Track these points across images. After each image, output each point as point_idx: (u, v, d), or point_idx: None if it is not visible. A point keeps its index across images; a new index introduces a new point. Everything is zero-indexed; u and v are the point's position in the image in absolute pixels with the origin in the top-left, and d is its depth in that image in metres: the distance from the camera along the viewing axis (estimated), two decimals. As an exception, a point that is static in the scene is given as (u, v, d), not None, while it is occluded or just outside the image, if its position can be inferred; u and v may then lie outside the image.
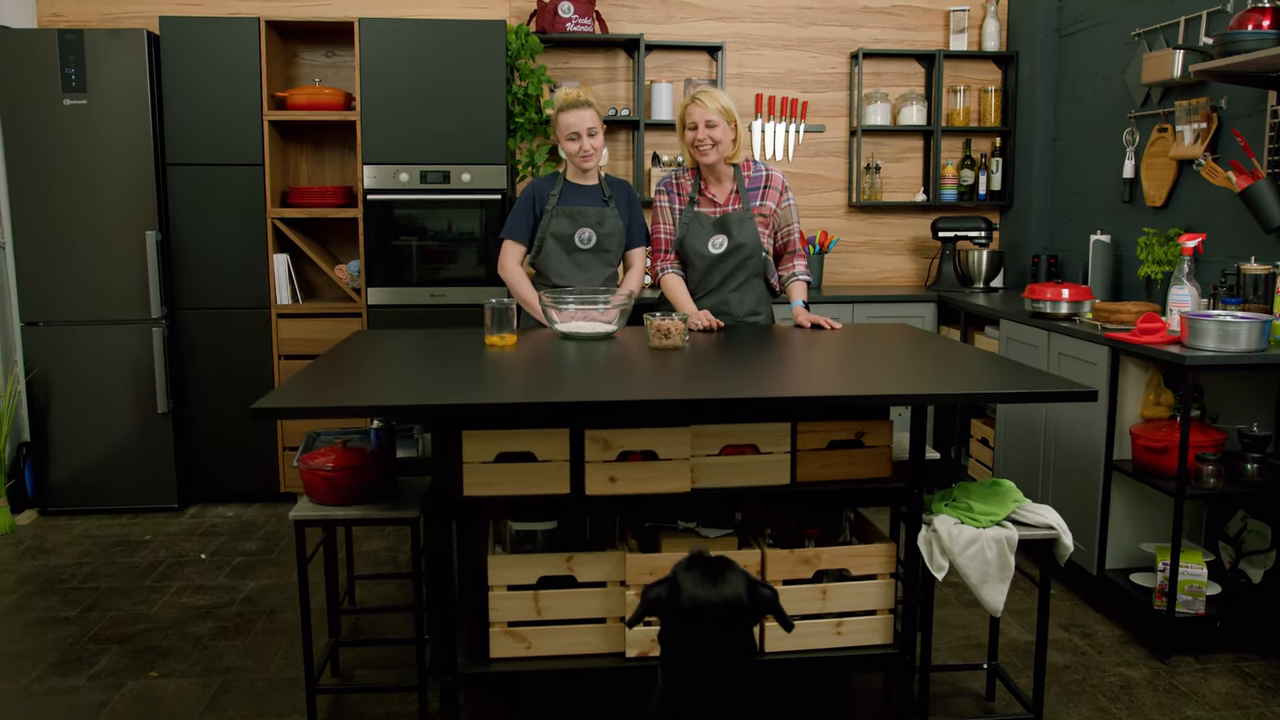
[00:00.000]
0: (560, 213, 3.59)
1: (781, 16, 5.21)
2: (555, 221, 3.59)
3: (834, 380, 2.49)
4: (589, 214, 3.60)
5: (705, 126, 3.41)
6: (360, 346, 3.05)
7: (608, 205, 3.64)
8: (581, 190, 3.64)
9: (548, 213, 3.60)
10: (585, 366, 2.73)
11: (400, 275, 4.59)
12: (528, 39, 4.67)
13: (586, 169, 3.59)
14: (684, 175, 3.60)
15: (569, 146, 3.54)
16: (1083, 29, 4.77)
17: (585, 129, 3.52)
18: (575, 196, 3.63)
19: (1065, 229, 4.97)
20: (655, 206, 3.65)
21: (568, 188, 3.64)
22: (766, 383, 2.41)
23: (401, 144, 4.50)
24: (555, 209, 3.60)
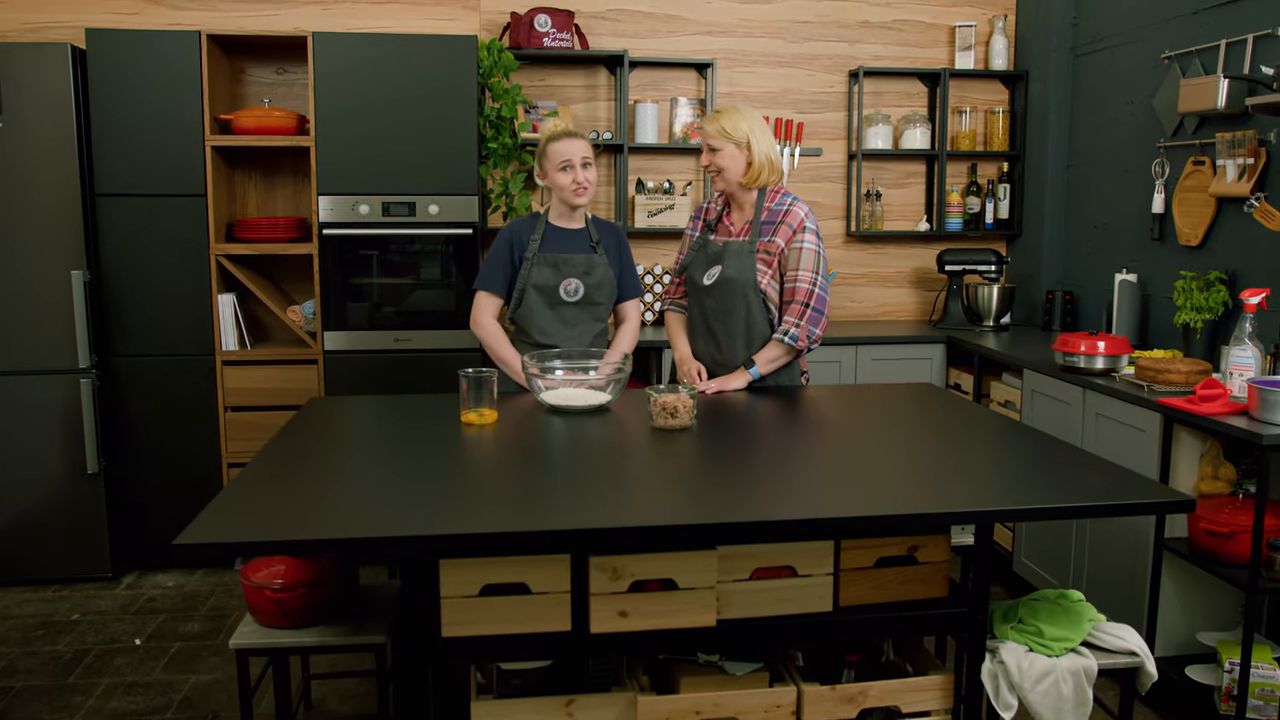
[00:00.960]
0: (542, 260, 3.17)
1: (775, 31, 4.81)
2: (537, 271, 3.17)
3: (879, 477, 2.09)
4: (575, 262, 3.18)
5: (708, 150, 3.05)
6: (312, 427, 2.61)
7: (595, 252, 3.22)
8: (566, 235, 3.22)
9: (528, 260, 3.18)
10: (581, 459, 2.31)
11: (360, 317, 4.14)
12: (501, 55, 4.23)
13: (577, 206, 3.17)
14: (715, 201, 3.25)
15: (560, 178, 3.12)
16: (1102, 48, 4.42)
17: (580, 158, 3.10)
18: (559, 242, 3.21)
19: (1081, 263, 4.63)
20: (684, 234, 3.30)
21: (551, 232, 3.22)
22: (797, 485, 2.01)
23: (361, 172, 4.04)
24: (537, 256, 3.17)
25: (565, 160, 3.09)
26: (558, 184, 3.13)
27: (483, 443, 2.49)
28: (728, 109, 3.06)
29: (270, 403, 4.13)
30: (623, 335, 3.28)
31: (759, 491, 2.02)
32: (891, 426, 2.68)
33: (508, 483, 2.11)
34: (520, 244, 3.20)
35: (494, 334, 3.21)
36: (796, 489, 2.04)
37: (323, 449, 2.39)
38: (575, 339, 3.22)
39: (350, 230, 4.06)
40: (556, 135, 3.13)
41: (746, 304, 3.06)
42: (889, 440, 2.50)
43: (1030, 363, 3.80)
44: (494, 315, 3.24)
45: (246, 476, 2.13)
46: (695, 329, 3.17)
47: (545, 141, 3.15)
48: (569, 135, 3.12)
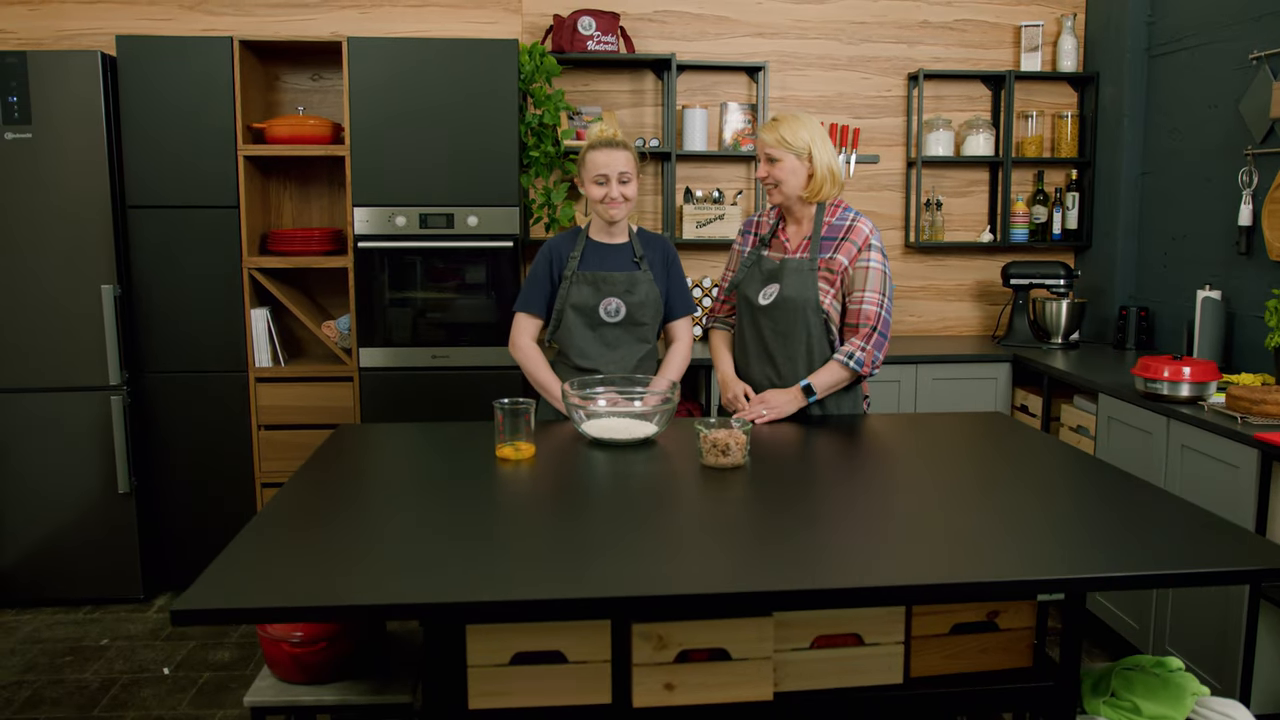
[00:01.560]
0: (581, 279, 2.99)
1: (830, 32, 4.59)
2: (576, 290, 2.99)
3: (954, 530, 1.88)
4: (616, 280, 2.99)
5: (766, 161, 2.85)
6: (337, 461, 2.44)
7: (639, 268, 3.03)
8: (607, 251, 3.03)
9: (566, 279, 3.00)
10: (624, 504, 2.12)
11: (397, 334, 3.99)
12: (543, 60, 4.06)
13: (613, 221, 2.98)
14: (767, 214, 3.06)
15: (594, 191, 2.94)
16: (1181, 49, 4.14)
17: (616, 172, 2.91)
18: (600, 258, 3.02)
19: (1156, 278, 4.34)
20: (731, 250, 3.11)
21: (591, 248, 3.04)
22: (864, 540, 1.80)
23: (398, 183, 3.89)
24: (575, 274, 2.99)
25: (601, 173, 2.91)
26: (591, 197, 2.95)
27: (518, 482, 2.31)
28: (787, 116, 2.85)
29: (305, 421, 3.99)
30: (672, 360, 3.08)
31: (821, 548, 1.82)
32: (962, 465, 2.46)
33: (543, 533, 1.92)
34: (559, 261, 3.03)
35: (532, 357, 3.03)
36: (863, 545, 1.83)
37: (344, 489, 2.22)
38: (618, 362, 3.03)
39: (386, 243, 3.91)
40: (596, 144, 2.94)
41: (807, 325, 2.86)
42: (961, 482, 2.27)
43: (1107, 387, 3.54)
44: (532, 337, 3.07)
45: (262, 523, 1.97)
46: (749, 350, 2.96)
47: (585, 149, 2.97)
48: (609, 145, 2.94)
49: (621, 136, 3.02)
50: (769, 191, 2.89)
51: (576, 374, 3.03)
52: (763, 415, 2.83)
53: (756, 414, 2.83)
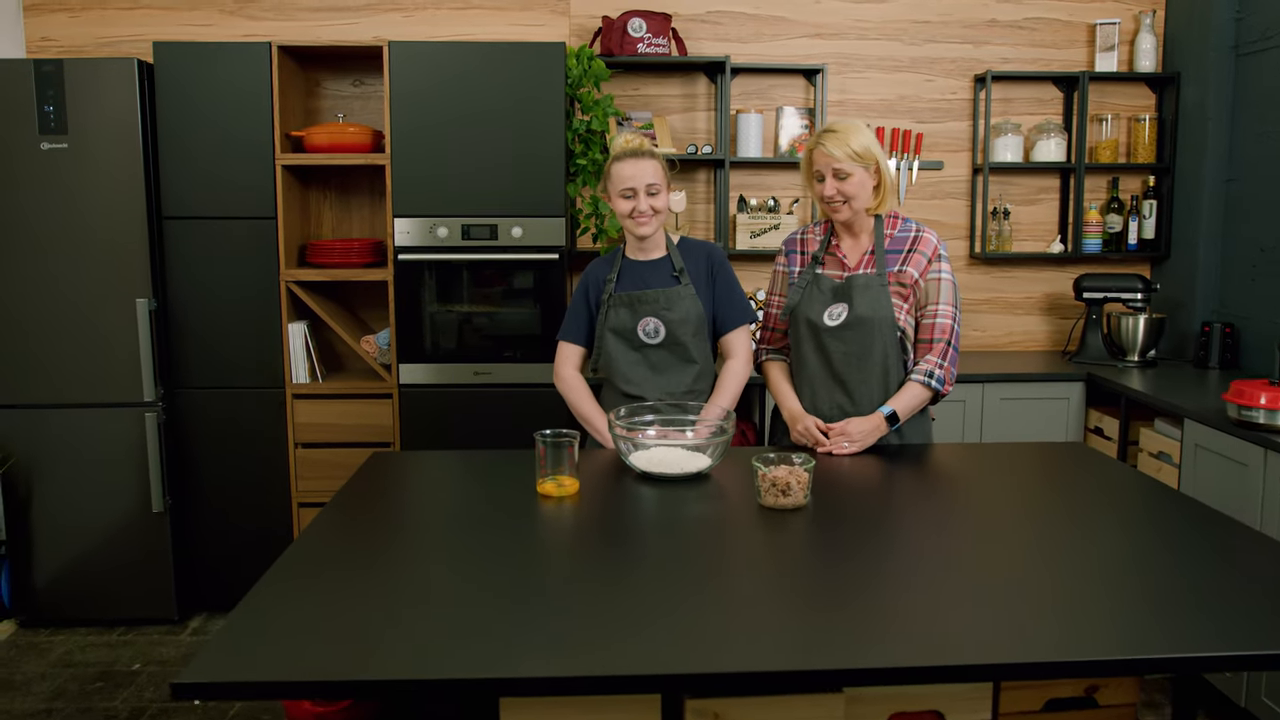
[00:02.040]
0: (618, 301, 2.81)
1: (892, 33, 4.36)
2: (614, 313, 2.82)
3: (1046, 591, 1.66)
4: (650, 299, 2.80)
5: (834, 177, 2.62)
6: (366, 496, 2.28)
7: (679, 281, 2.84)
8: (643, 268, 2.85)
9: (604, 303, 2.83)
10: (675, 553, 1.93)
11: (438, 349, 3.84)
12: (591, 63, 3.88)
13: (644, 237, 2.80)
14: (812, 230, 2.83)
15: (621, 206, 2.75)
16: (1275, 46, 3.86)
17: (644, 185, 2.73)
18: (636, 277, 2.84)
19: (1243, 292, 4.06)
20: (773, 272, 2.89)
21: (627, 267, 2.86)
22: (943, 600, 1.60)
23: (439, 192, 3.74)
24: (613, 297, 2.82)
25: (627, 187, 2.72)
26: (619, 212, 2.77)
27: (560, 523, 2.14)
28: (848, 126, 2.64)
29: (343, 439, 3.86)
30: (725, 384, 2.86)
31: (896, 611, 1.62)
32: (1045, 506, 2.24)
33: (586, 589, 1.74)
34: (596, 286, 2.86)
35: (576, 388, 2.86)
36: (944, 607, 1.63)
37: (373, 531, 2.06)
38: (665, 386, 2.84)
39: (428, 255, 3.76)
40: (621, 155, 2.76)
41: (884, 345, 2.65)
42: (1046, 527, 2.05)
43: (1193, 411, 3.28)
44: (576, 366, 2.90)
45: (283, 572, 1.82)
46: (813, 379, 2.73)
47: (610, 161, 2.78)
48: (634, 155, 2.75)
49: (647, 145, 2.83)
50: (834, 208, 2.66)
51: (624, 400, 2.86)
52: (844, 448, 2.62)
53: (838, 447, 2.62)
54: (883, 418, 2.64)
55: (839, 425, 2.64)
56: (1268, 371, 3.88)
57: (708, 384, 2.92)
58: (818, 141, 2.64)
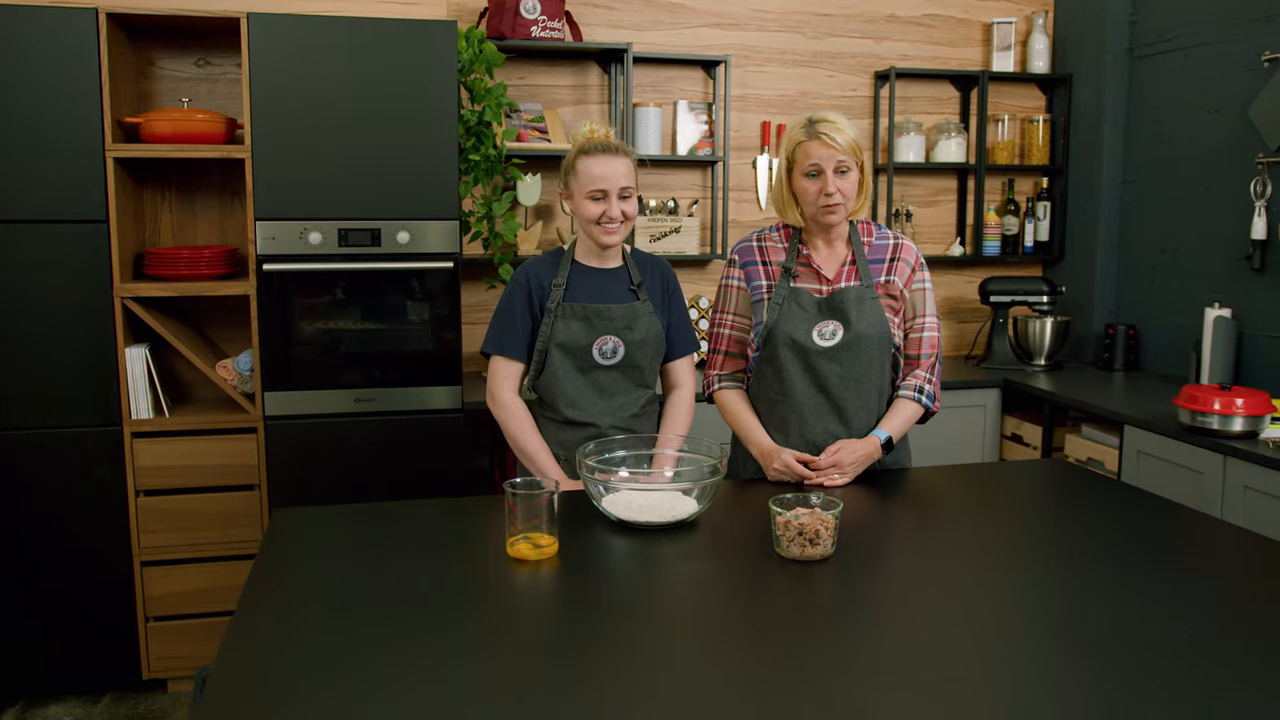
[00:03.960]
0: (569, 313, 2.41)
1: (793, 25, 4.13)
2: (563, 326, 2.42)
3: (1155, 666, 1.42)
4: (613, 315, 2.43)
5: (836, 173, 2.29)
6: (283, 575, 1.79)
7: (638, 297, 2.47)
8: (599, 277, 2.47)
9: (550, 312, 2.42)
10: (702, 635, 1.57)
11: (311, 374, 3.29)
12: (482, 46, 3.44)
13: (607, 246, 2.43)
14: (770, 236, 2.48)
15: (588, 209, 2.37)
16: (1171, 50, 3.87)
17: (617, 187, 2.37)
18: (591, 286, 2.45)
19: (1141, 294, 4.07)
20: (721, 287, 2.52)
21: (579, 273, 2.47)
22: (1020, 675, 1.32)
23: (312, 191, 3.20)
24: (561, 307, 2.42)
25: (599, 188, 2.35)
26: (584, 214, 2.38)
27: (543, 598, 1.75)
28: (836, 116, 2.31)
29: (197, 483, 3.25)
30: (676, 413, 2.53)
31: (979, 702, 1.32)
32: (1072, 535, 2.00)
33: (602, 708, 1.35)
34: (540, 290, 2.44)
35: (518, 417, 2.44)
36: (1032, 692, 1.34)
37: (296, 626, 1.58)
38: (614, 413, 2.47)
39: (298, 265, 3.21)
40: (591, 149, 2.38)
41: (881, 364, 2.37)
42: (1094, 566, 1.81)
43: (1136, 419, 3.19)
44: (515, 388, 2.47)
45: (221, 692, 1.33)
46: (802, 407, 2.38)
47: (576, 154, 2.39)
48: (608, 152, 2.38)
49: (616, 139, 2.46)
50: (830, 210, 2.32)
51: (565, 428, 2.47)
52: (835, 480, 2.31)
53: (829, 479, 2.31)
54: (878, 443, 2.37)
55: (829, 455, 2.33)
56: (1171, 373, 3.89)
57: (654, 410, 2.58)
58: (814, 132, 2.29)
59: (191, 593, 3.28)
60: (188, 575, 3.28)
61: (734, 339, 2.50)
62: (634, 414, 2.50)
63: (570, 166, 2.40)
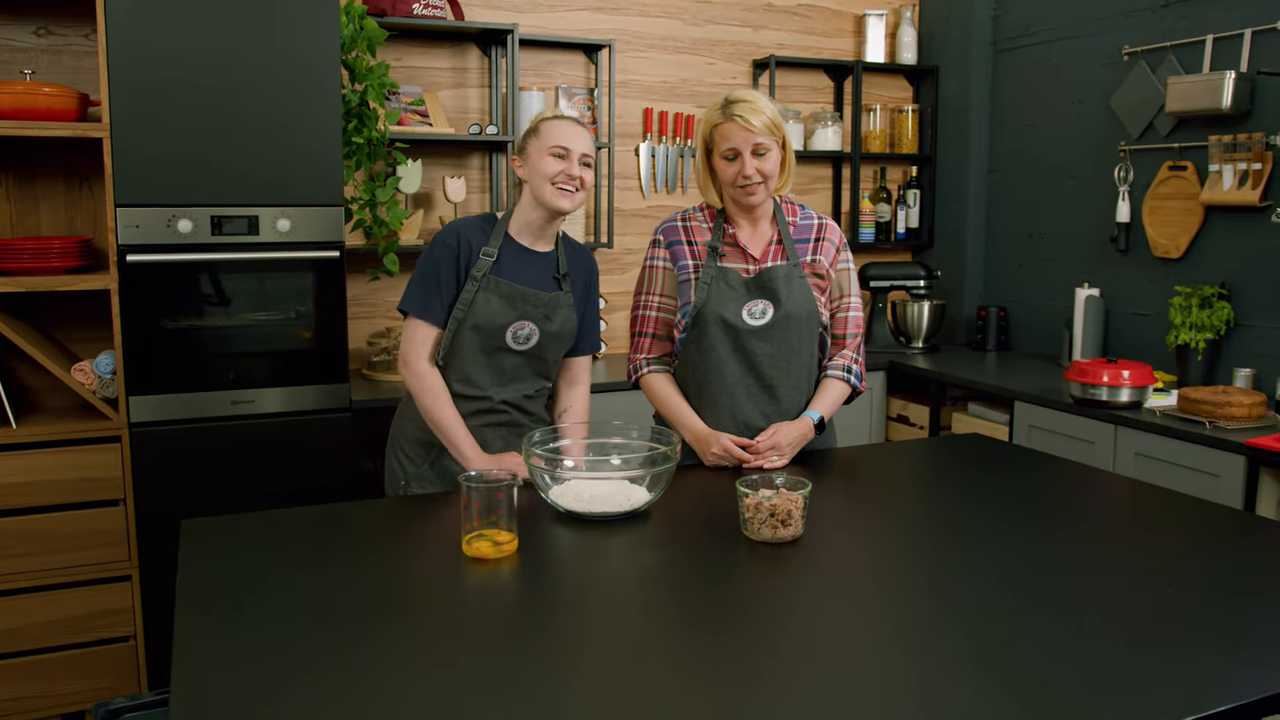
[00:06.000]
0: (494, 288, 2.27)
1: (674, 11, 4.09)
2: (484, 301, 2.27)
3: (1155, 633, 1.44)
4: (538, 301, 2.30)
5: (754, 155, 2.24)
6: (216, 595, 1.59)
7: (561, 288, 2.36)
8: (530, 258, 2.35)
9: (474, 281, 2.27)
10: (695, 631, 1.50)
11: (183, 375, 3.00)
12: (363, 23, 3.23)
13: (559, 210, 2.30)
14: (694, 216, 2.42)
15: (548, 164, 2.23)
16: (1033, 43, 4.05)
17: (579, 152, 2.26)
18: (520, 266, 2.32)
19: (1009, 277, 4.25)
20: (645, 268, 2.45)
21: (510, 249, 2.33)
22: (1033, 655, 1.32)
23: (181, 175, 2.91)
24: (488, 279, 2.27)
25: (562, 145, 2.23)
26: (543, 170, 2.23)
27: (505, 597, 1.63)
28: (756, 94, 2.27)
29: (52, 500, 2.90)
30: (576, 414, 2.45)
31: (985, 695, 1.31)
32: (1025, 503, 2.03)
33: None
34: (468, 254, 2.28)
35: (435, 388, 2.28)
36: (1049, 668, 1.34)
37: (242, 652, 1.41)
38: (510, 393, 2.35)
39: (166, 256, 2.92)
40: (557, 116, 2.30)
41: (810, 343, 2.35)
42: (1066, 533, 1.85)
43: (1026, 395, 3.31)
44: (431, 356, 2.31)
45: None
46: (733, 388, 2.33)
47: (539, 121, 2.28)
48: (574, 121, 2.30)
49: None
50: (750, 191, 2.28)
51: (455, 400, 2.32)
52: (774, 462, 2.27)
53: (769, 461, 2.27)
54: (811, 424, 2.34)
55: (767, 435, 2.29)
56: (1041, 351, 4.08)
57: (545, 395, 2.46)
58: (729, 114, 2.24)
59: (43, 625, 2.94)
60: (39, 605, 2.93)
61: (660, 321, 2.43)
62: (528, 395, 2.39)
63: (533, 129, 2.28)
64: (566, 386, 2.48)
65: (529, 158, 2.26)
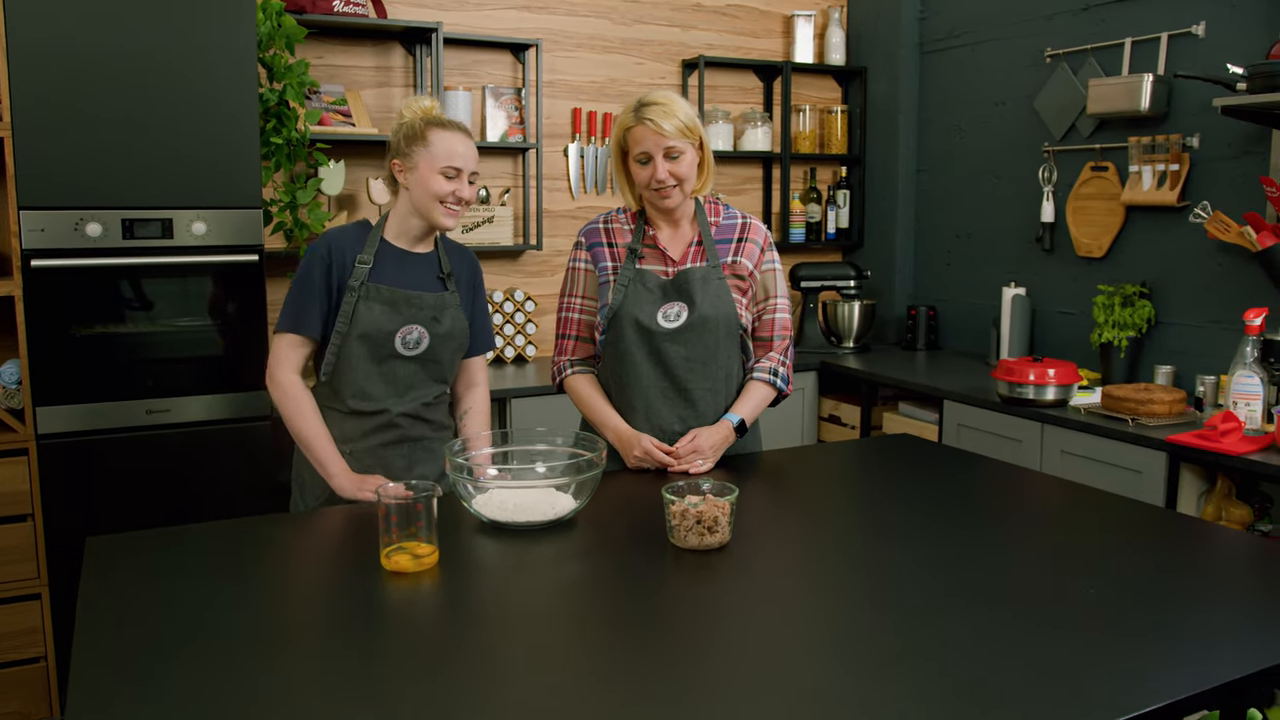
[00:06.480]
0: (374, 294, 2.20)
1: (602, 10, 4.06)
2: (366, 310, 2.20)
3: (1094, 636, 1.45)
4: (423, 304, 2.24)
5: (665, 157, 2.21)
6: (119, 620, 1.52)
7: (447, 288, 2.31)
8: (409, 261, 2.27)
9: (353, 291, 2.20)
10: (627, 645, 1.46)
11: (94, 384, 2.89)
12: (281, 19, 3.14)
13: (446, 229, 2.25)
14: (617, 219, 2.39)
15: (439, 185, 2.16)
16: (958, 45, 4.09)
17: (470, 170, 2.21)
18: (400, 270, 2.25)
19: (937, 277, 4.29)
20: (568, 270, 2.41)
21: (387, 254, 2.25)
22: (961, 663, 1.32)
23: (89, 176, 2.80)
24: (366, 287, 2.20)
25: (455, 165, 2.17)
26: (432, 189, 2.17)
27: (426, 613, 1.57)
28: (669, 96, 2.24)
29: (-47, 520, 2.79)
30: (478, 412, 2.41)
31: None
32: (952, 503, 2.04)
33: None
34: (342, 265, 2.20)
35: (299, 400, 2.20)
36: (976, 676, 1.34)
37: (139, 682, 1.34)
38: (407, 403, 2.29)
39: (75, 260, 2.81)
40: (447, 123, 2.20)
41: (727, 347, 2.31)
42: (1019, 542, 1.85)
43: (959, 394, 3.34)
44: (298, 368, 2.23)
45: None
46: (648, 391, 2.30)
47: (426, 126, 2.18)
48: (464, 131, 2.22)
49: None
50: (664, 194, 2.25)
51: (351, 419, 2.25)
52: (699, 466, 2.24)
53: (694, 465, 2.24)
54: (731, 427, 2.32)
55: (687, 441, 2.26)
56: (970, 350, 4.12)
57: (445, 402, 2.40)
58: (640, 118, 2.21)
59: (-50, 647, 2.81)
60: None
61: (583, 323, 2.39)
62: (427, 403, 2.32)
63: (420, 135, 2.18)
64: (465, 389, 2.43)
65: (416, 169, 2.17)
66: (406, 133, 2.19)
